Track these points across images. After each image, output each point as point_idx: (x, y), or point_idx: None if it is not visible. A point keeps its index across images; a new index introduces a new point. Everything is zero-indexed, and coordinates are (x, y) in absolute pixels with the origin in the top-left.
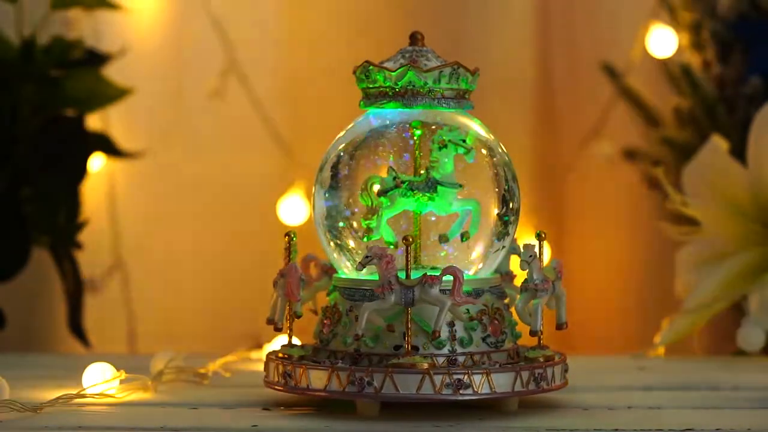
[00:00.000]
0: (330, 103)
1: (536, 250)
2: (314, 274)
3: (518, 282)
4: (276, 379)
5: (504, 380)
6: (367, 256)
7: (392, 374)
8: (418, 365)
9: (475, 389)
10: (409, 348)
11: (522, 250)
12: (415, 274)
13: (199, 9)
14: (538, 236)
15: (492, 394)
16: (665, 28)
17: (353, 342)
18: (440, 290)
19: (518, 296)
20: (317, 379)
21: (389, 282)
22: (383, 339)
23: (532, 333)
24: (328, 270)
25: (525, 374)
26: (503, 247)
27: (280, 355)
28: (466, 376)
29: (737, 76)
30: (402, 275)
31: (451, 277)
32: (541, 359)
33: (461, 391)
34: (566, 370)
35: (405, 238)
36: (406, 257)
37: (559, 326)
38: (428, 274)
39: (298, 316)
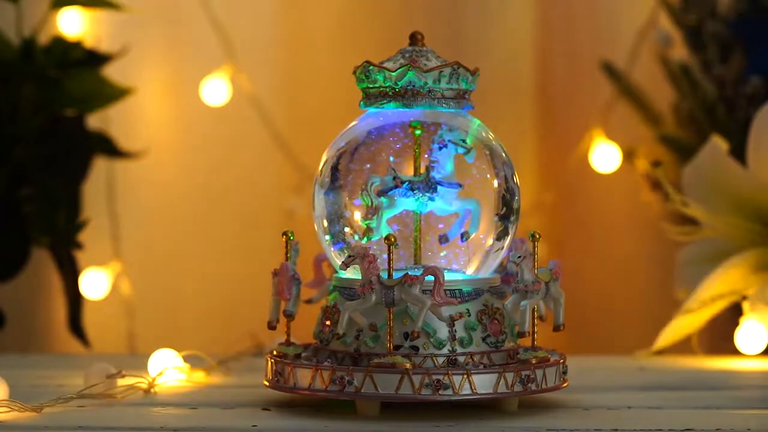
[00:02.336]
0: (330, 103)
1: (527, 251)
2: (327, 273)
3: None
4: (270, 377)
5: (486, 381)
6: (349, 256)
7: (372, 374)
8: (398, 365)
9: (455, 390)
10: (392, 347)
11: (512, 251)
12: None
13: (199, 9)
14: (532, 237)
15: (473, 395)
16: (665, 28)
17: (353, 341)
18: (423, 290)
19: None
20: (303, 377)
21: (370, 282)
22: (383, 339)
23: (521, 334)
24: None
25: (510, 376)
26: (503, 247)
27: (275, 353)
28: (445, 377)
29: (737, 76)
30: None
31: (433, 277)
32: (534, 361)
33: (441, 392)
34: (564, 372)
35: (387, 238)
36: (389, 257)
37: (556, 328)
38: (409, 274)
39: (288, 315)
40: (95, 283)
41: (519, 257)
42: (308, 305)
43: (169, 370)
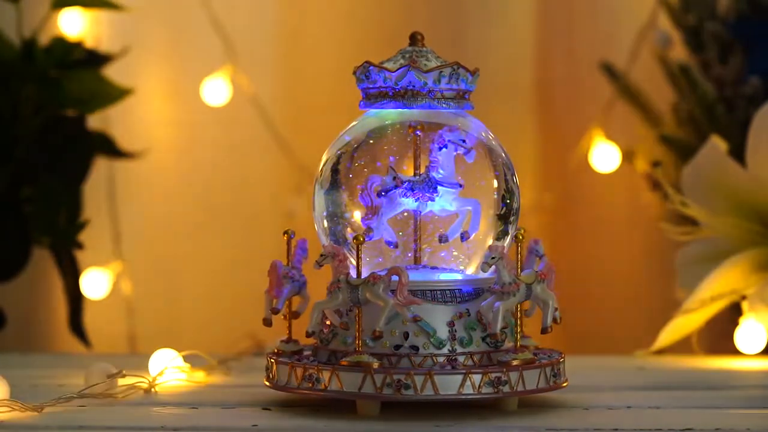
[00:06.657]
0: (330, 103)
1: (504, 251)
2: None
3: None
4: (264, 374)
5: (449, 383)
6: (321, 255)
7: (337, 372)
8: (362, 364)
9: (417, 390)
10: (360, 346)
11: (486, 251)
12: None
13: (199, 8)
14: (516, 237)
15: (435, 396)
16: (665, 28)
17: (352, 342)
18: (390, 290)
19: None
20: (283, 374)
21: (338, 281)
22: (383, 339)
23: (491, 335)
24: None
25: (477, 378)
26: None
27: (274, 350)
28: (406, 377)
29: (737, 76)
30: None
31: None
32: (515, 362)
33: (402, 392)
34: (555, 375)
35: (356, 237)
36: (357, 256)
37: (543, 330)
38: (375, 273)
39: (275, 312)
40: (95, 283)
41: (493, 258)
42: None
43: (169, 370)
